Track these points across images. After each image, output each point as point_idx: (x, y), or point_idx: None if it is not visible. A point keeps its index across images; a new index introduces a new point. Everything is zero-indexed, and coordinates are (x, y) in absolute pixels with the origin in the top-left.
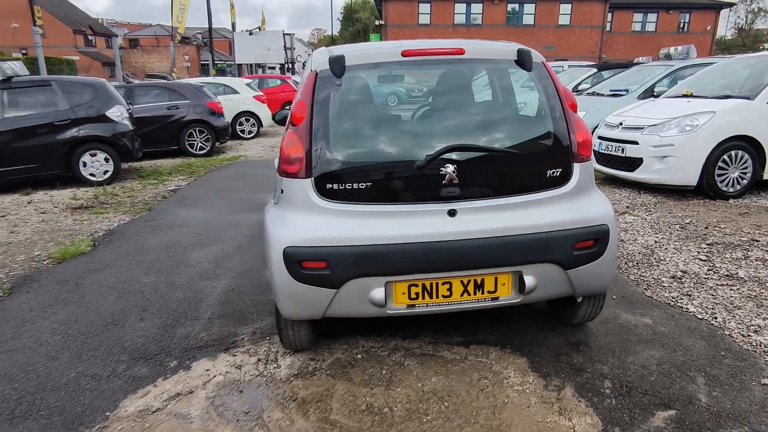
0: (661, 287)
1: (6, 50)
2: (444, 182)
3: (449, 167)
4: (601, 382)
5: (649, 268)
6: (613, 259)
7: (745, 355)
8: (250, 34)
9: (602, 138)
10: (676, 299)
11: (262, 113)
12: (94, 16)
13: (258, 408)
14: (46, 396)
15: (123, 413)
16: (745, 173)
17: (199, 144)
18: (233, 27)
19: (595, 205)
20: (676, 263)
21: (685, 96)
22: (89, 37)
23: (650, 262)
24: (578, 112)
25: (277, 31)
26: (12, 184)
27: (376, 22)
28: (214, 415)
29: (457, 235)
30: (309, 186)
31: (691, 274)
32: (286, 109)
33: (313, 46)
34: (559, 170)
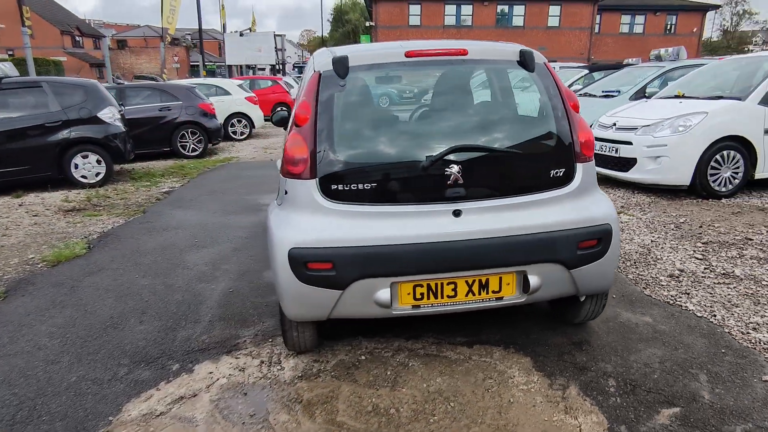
0: (659, 286)
1: None
2: (449, 182)
3: (454, 167)
4: (605, 381)
5: (647, 267)
6: (615, 258)
7: (745, 352)
8: (240, 35)
9: (596, 138)
10: (674, 298)
11: (254, 114)
12: (81, 17)
13: (263, 410)
14: (47, 401)
15: (126, 417)
16: (736, 173)
17: (192, 146)
18: (223, 28)
19: (598, 205)
20: (672, 262)
21: (677, 97)
22: (77, 38)
23: (647, 261)
24: None
25: (268, 32)
26: (2, 186)
27: (367, 24)
28: (219, 419)
29: (463, 236)
30: (314, 187)
31: (689, 273)
32: (282, 110)
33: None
34: (563, 170)
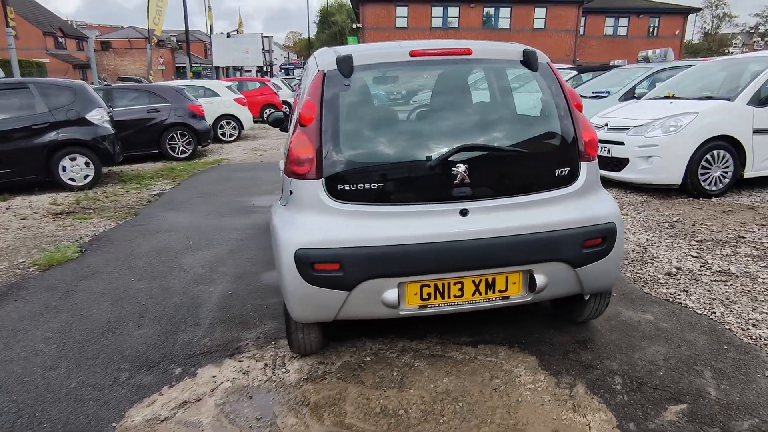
0: (657, 284)
1: None
2: (456, 182)
3: (461, 167)
4: (612, 379)
5: (644, 266)
6: (619, 256)
7: (747, 348)
8: (228, 37)
9: None
10: (673, 295)
11: (243, 116)
12: (64, 18)
13: (270, 414)
14: (47, 408)
15: (130, 423)
16: (726, 172)
17: (181, 147)
18: (210, 29)
19: (602, 204)
20: (669, 260)
21: (667, 97)
22: (59, 40)
23: (644, 260)
24: None
25: (256, 33)
26: None
27: (353, 25)
28: (225, 423)
29: (470, 235)
30: (320, 187)
31: (685, 271)
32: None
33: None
34: (567, 169)
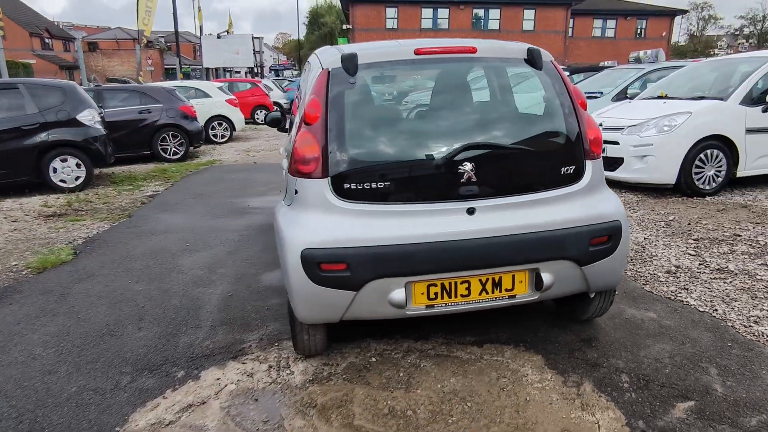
0: (658, 282)
1: None
2: (463, 180)
3: (467, 165)
4: (618, 377)
5: (644, 264)
6: (625, 254)
7: (750, 345)
8: (218, 38)
9: None
10: (675, 293)
11: (235, 117)
12: (50, 19)
13: (277, 416)
14: (47, 413)
15: (134, 428)
16: (719, 171)
17: (173, 149)
18: (200, 30)
19: (607, 202)
20: (668, 258)
21: (660, 97)
22: (46, 40)
23: (643, 258)
24: None
25: (246, 34)
26: None
27: (343, 26)
28: (232, 426)
29: (478, 234)
30: (326, 186)
31: (684, 269)
32: (265, 112)
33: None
34: (573, 167)
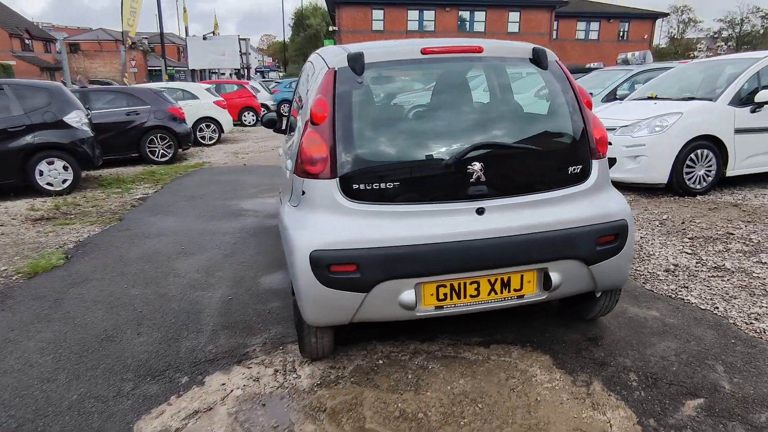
0: (658, 280)
1: None
2: (472, 180)
3: (476, 165)
4: (627, 375)
5: (642, 263)
6: (631, 253)
7: (753, 341)
8: (204, 39)
9: None
10: (675, 291)
11: (223, 119)
12: (30, 20)
13: (286, 421)
14: (48, 422)
15: None
16: (710, 171)
17: (161, 151)
18: (186, 31)
19: (613, 201)
20: (665, 257)
21: (650, 98)
22: (26, 41)
23: (641, 257)
24: None
25: (233, 35)
26: None
27: (330, 28)
28: None
29: (487, 234)
30: (334, 186)
31: (683, 267)
32: (252, 114)
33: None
34: (580, 167)
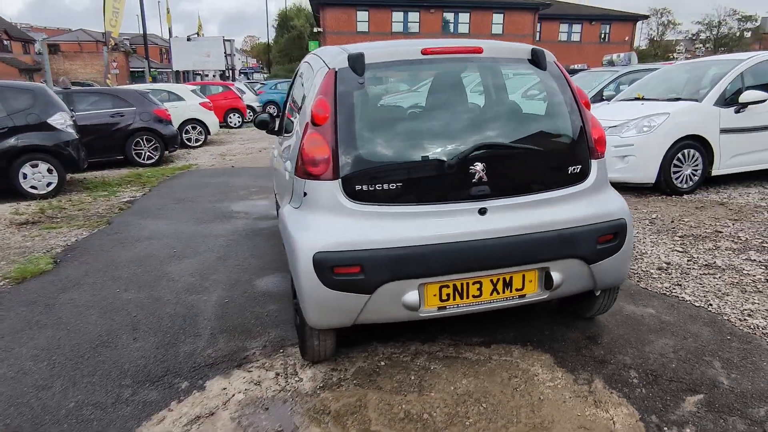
0: (651, 278)
1: None
2: (474, 180)
3: (478, 165)
4: (627, 373)
5: (635, 261)
6: (630, 251)
7: (748, 338)
8: (188, 40)
9: None
10: (669, 289)
11: (209, 121)
12: (8, 20)
13: (291, 425)
14: (46, 431)
15: None
16: (696, 170)
17: (147, 153)
18: (170, 32)
19: (612, 200)
20: (657, 255)
21: (637, 99)
22: (5, 42)
23: (634, 256)
24: None
25: (217, 37)
26: None
27: (314, 30)
28: None
29: (490, 234)
30: (337, 188)
31: (675, 265)
32: (238, 115)
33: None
34: (580, 166)
